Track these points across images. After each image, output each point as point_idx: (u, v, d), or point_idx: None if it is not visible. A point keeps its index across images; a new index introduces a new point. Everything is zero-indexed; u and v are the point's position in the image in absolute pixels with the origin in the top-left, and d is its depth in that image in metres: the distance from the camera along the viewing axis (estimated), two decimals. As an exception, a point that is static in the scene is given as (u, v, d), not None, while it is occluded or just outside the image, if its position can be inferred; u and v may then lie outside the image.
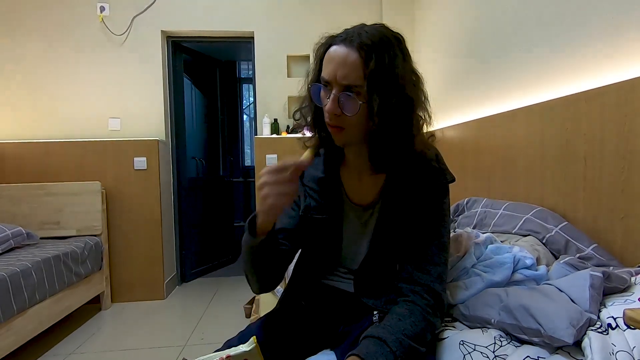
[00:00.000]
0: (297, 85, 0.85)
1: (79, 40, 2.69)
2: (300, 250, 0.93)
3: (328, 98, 0.72)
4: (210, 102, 3.63)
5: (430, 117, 0.78)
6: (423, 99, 0.76)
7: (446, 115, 2.28)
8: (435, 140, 0.85)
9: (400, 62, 0.71)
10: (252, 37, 2.88)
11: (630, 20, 1.04)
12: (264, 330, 0.83)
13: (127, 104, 2.75)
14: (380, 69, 0.68)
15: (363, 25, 0.73)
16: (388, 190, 0.80)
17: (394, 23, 0.78)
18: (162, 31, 2.79)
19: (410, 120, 0.73)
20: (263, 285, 0.84)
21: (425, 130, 0.78)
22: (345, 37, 0.70)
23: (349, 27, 0.74)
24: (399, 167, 0.77)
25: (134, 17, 2.72)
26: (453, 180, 0.81)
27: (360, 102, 0.69)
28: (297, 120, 0.86)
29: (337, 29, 0.76)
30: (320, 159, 0.87)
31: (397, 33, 0.74)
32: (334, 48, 0.72)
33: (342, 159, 0.87)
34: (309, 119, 0.83)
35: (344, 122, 0.73)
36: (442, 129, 2.25)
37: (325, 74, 0.72)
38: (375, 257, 0.81)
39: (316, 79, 0.77)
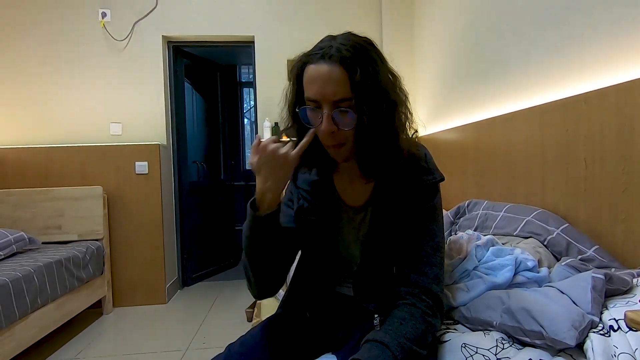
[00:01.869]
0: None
1: (81, 45, 2.70)
2: (300, 254, 0.93)
3: (320, 118, 0.71)
4: (211, 106, 3.65)
5: (411, 114, 0.77)
6: (404, 98, 0.76)
7: (446, 117, 2.29)
8: (418, 135, 0.85)
9: (380, 68, 0.71)
10: (253, 42, 2.90)
11: (628, 22, 1.04)
12: (266, 334, 0.83)
13: (129, 108, 2.76)
14: (365, 79, 0.67)
15: (333, 38, 0.72)
16: (379, 192, 0.80)
17: (393, 27, 0.79)
18: (163, 36, 2.81)
19: (397, 122, 0.73)
20: (263, 287, 0.82)
21: (408, 127, 0.77)
22: (323, 54, 0.69)
23: (319, 42, 0.73)
24: (389, 169, 0.76)
25: (135, 22, 2.74)
26: (442, 179, 0.80)
27: (356, 115, 0.69)
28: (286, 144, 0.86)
29: (336, 33, 0.76)
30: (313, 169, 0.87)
31: (366, 37, 0.74)
32: (313, 67, 0.70)
33: (334, 165, 0.87)
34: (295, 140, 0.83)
35: (341, 138, 0.73)
36: (442, 131, 2.25)
37: (312, 94, 0.71)
38: (371, 260, 0.81)
39: (299, 100, 0.76)
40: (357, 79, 0.67)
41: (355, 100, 0.68)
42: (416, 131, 0.83)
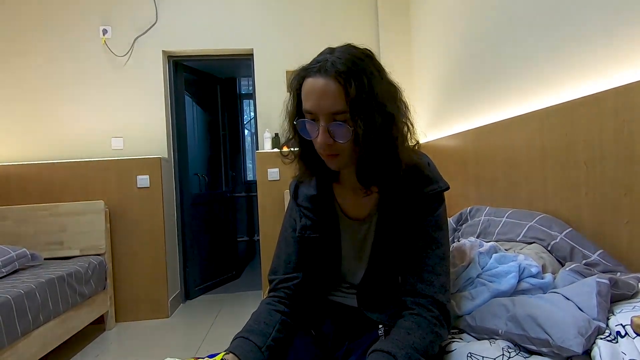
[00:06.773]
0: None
1: (82, 62, 2.74)
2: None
3: (317, 130, 0.72)
4: (212, 119, 3.67)
5: (412, 125, 0.77)
6: (404, 109, 0.76)
7: (446, 124, 2.30)
8: (420, 146, 0.84)
9: (377, 81, 0.71)
10: (252, 54, 2.93)
11: (625, 25, 1.05)
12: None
13: (130, 123, 2.79)
14: (360, 93, 0.68)
15: (332, 50, 0.73)
16: (384, 202, 0.80)
17: (391, 37, 0.79)
18: (163, 51, 2.84)
19: (395, 134, 0.73)
20: None
21: (409, 139, 0.78)
22: (320, 68, 0.70)
23: (318, 55, 0.74)
24: (391, 180, 0.76)
25: (136, 38, 2.78)
26: (447, 188, 0.80)
27: (351, 128, 0.70)
28: (286, 156, 0.87)
29: (334, 43, 0.76)
30: (313, 178, 0.88)
31: (365, 49, 0.75)
32: (310, 80, 0.71)
33: (335, 176, 0.87)
34: (297, 151, 0.84)
35: (337, 150, 0.73)
36: (442, 138, 2.26)
37: (309, 107, 0.72)
38: (376, 271, 0.81)
39: (297, 112, 0.77)
40: (352, 93, 0.67)
41: (350, 114, 0.69)
42: (417, 142, 0.83)
